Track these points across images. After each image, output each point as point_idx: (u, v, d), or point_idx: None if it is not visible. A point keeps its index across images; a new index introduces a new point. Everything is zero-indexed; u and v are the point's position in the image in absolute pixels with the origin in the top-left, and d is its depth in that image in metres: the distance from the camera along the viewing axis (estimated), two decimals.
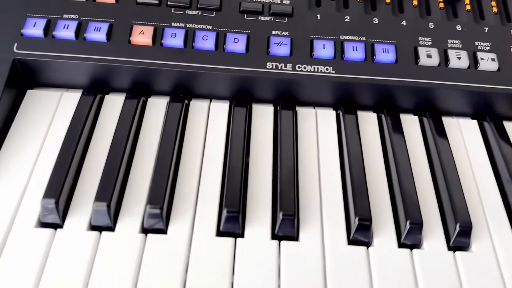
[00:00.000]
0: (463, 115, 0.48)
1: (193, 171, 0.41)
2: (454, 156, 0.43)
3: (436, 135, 0.44)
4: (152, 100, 0.46)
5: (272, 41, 0.45)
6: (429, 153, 0.44)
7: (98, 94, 0.45)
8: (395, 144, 0.43)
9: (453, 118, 0.47)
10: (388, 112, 0.46)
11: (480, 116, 0.48)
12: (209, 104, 0.46)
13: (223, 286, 0.34)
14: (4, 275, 0.34)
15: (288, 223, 0.37)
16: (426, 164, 0.43)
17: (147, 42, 0.44)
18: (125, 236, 0.37)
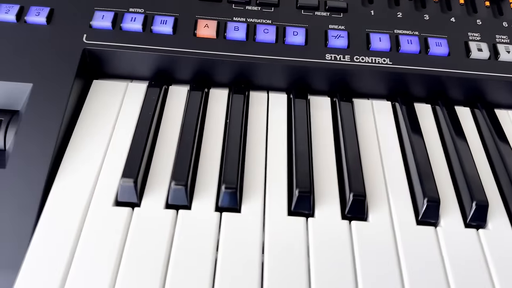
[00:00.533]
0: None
1: (260, 157, 0.42)
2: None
3: (491, 126, 0.46)
4: (214, 91, 0.47)
5: (330, 34, 0.47)
6: (485, 143, 0.45)
7: (164, 85, 0.46)
8: (453, 133, 0.44)
9: (503, 110, 0.49)
10: (444, 103, 0.47)
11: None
12: (267, 95, 0.48)
13: (300, 264, 0.35)
14: (85, 253, 0.35)
15: (359, 204, 0.38)
16: (483, 153, 0.45)
17: (211, 35, 0.46)
18: (201, 214, 0.38)
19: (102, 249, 0.35)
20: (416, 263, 0.36)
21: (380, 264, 0.36)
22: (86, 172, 0.39)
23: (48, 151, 0.39)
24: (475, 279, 0.36)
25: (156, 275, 0.34)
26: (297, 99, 0.46)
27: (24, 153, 0.39)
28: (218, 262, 0.35)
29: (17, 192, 0.37)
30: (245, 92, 0.46)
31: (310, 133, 0.44)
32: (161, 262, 0.34)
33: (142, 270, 0.34)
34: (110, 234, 0.36)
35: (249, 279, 0.34)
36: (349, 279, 0.35)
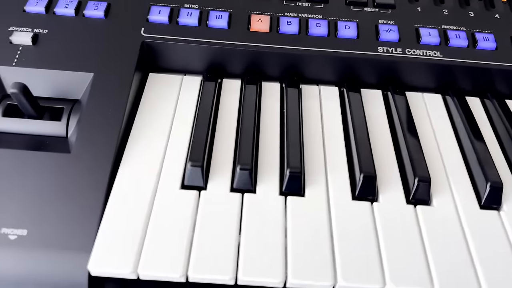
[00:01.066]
0: None
1: (318, 145, 0.43)
2: None
3: None
4: (267, 84, 0.48)
5: (381, 28, 0.48)
6: None
7: (218, 78, 0.47)
8: (506, 123, 0.45)
9: None
10: (492, 95, 0.48)
11: None
12: (319, 87, 0.49)
13: (370, 246, 0.35)
14: (157, 233, 0.35)
15: (424, 188, 0.39)
16: None
17: (265, 29, 0.47)
18: (266, 198, 0.38)
19: (173, 230, 0.35)
20: (483, 246, 0.36)
21: (448, 246, 0.36)
22: (150, 158, 0.40)
23: (113, 137, 0.39)
24: None
25: (227, 253, 0.34)
26: (350, 92, 0.47)
27: (89, 139, 0.39)
28: (288, 244, 0.35)
29: (83, 175, 0.37)
30: (298, 85, 0.47)
31: (366, 123, 0.44)
32: (231, 242, 0.34)
33: (214, 247, 0.34)
34: (179, 215, 0.36)
35: (320, 260, 0.34)
36: (421, 261, 0.35)
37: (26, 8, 0.47)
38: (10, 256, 0.34)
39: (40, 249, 0.34)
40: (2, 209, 0.35)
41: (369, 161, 0.39)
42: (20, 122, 0.41)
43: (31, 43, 0.44)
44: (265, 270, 0.33)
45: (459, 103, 0.46)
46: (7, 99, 0.42)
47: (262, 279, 0.33)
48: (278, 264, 0.33)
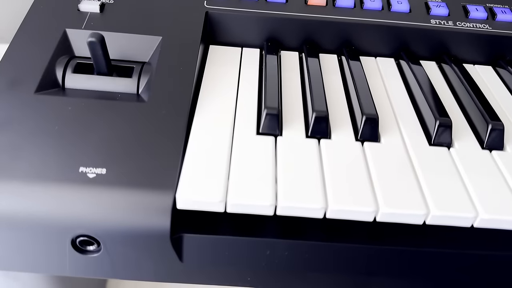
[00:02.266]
0: None
1: (386, 103, 0.44)
2: None
3: None
4: (325, 56, 0.50)
5: (431, 4, 0.50)
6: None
7: (278, 48, 0.49)
8: None
9: None
10: None
11: None
12: (376, 59, 0.50)
13: (457, 184, 0.35)
14: (241, 169, 0.34)
15: (499, 134, 0.39)
16: None
17: (321, 3, 0.49)
18: (342, 143, 0.38)
19: (255, 166, 0.34)
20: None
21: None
22: (223, 109, 0.40)
23: (187, 88, 0.40)
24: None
25: (317, 189, 0.33)
26: (412, 64, 0.48)
27: (163, 90, 0.39)
28: (374, 181, 0.35)
29: (161, 121, 0.37)
30: (357, 56, 0.49)
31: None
32: (318, 180, 0.34)
33: (299, 181, 0.34)
34: (259, 154, 0.36)
35: (411, 193, 0.34)
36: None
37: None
38: (88, 195, 0.33)
39: (120, 187, 0.33)
40: (79, 151, 0.35)
41: (444, 111, 0.40)
42: (91, 78, 0.41)
43: (99, 11, 0.46)
44: (355, 198, 0.33)
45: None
46: (77, 58, 0.43)
47: (353, 207, 0.32)
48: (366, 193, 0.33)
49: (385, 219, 0.33)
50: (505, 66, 0.49)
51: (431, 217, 0.33)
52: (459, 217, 0.33)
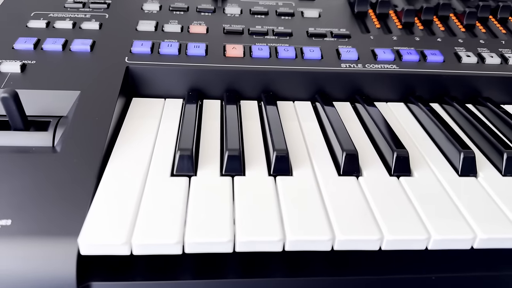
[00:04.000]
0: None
1: (299, 138, 0.45)
2: None
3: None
4: (245, 102, 0.52)
5: (341, 50, 0.54)
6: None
7: (198, 99, 0.50)
8: None
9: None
10: (448, 99, 0.53)
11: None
12: (294, 104, 0.53)
13: None
14: (149, 211, 0.34)
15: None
16: None
17: (239, 54, 0.52)
18: (256, 179, 0.39)
19: (165, 207, 0.34)
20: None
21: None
22: (138, 156, 0.40)
23: (101, 137, 0.40)
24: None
25: (221, 219, 0.34)
26: (326, 107, 0.50)
27: (76, 139, 0.40)
28: (284, 215, 0.35)
29: (71, 170, 0.37)
30: (275, 102, 0.51)
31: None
32: (227, 218, 0.34)
33: (209, 224, 0.34)
34: (171, 198, 0.36)
35: (319, 226, 0.34)
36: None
37: (15, 46, 0.50)
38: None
39: (24, 236, 0.32)
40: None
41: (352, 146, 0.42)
42: (6, 134, 0.41)
43: (20, 71, 0.47)
44: (260, 230, 0.33)
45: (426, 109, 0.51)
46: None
47: (261, 238, 0.32)
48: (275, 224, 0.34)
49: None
50: (415, 102, 0.52)
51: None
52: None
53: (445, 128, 0.46)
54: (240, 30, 0.56)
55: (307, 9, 0.62)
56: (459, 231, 0.34)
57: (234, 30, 0.56)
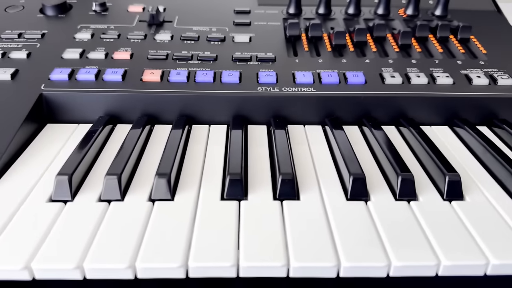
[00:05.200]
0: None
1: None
2: None
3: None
4: (159, 127, 0.52)
5: (260, 74, 0.54)
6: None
7: (107, 125, 0.51)
8: None
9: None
10: (371, 123, 0.52)
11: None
12: (209, 128, 0.52)
13: None
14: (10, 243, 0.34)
15: (288, 184, 0.40)
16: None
17: (156, 79, 0.53)
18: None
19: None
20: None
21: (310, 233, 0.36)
22: (29, 177, 0.41)
23: None
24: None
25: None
26: (233, 130, 0.50)
27: None
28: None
29: None
30: (189, 126, 0.51)
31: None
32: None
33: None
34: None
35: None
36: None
37: None
38: None
39: None
40: None
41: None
42: None
43: None
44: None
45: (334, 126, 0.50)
46: None
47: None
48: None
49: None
50: (328, 123, 0.51)
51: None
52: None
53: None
54: (164, 55, 0.57)
55: (238, 34, 0.63)
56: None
57: (157, 55, 0.57)
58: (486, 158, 0.47)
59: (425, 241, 0.35)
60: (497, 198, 0.41)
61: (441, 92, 0.53)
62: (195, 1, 0.72)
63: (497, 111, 0.54)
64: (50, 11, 0.67)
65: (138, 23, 0.65)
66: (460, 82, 0.55)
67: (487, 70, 0.57)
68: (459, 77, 0.56)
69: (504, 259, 0.33)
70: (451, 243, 0.35)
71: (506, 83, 0.55)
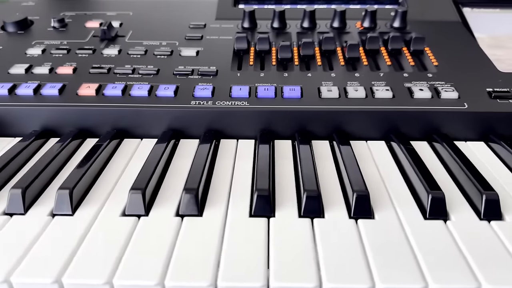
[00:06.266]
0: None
1: None
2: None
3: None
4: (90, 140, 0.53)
5: (197, 88, 0.54)
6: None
7: None
8: None
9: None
10: (299, 135, 0.51)
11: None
12: (141, 140, 0.53)
13: None
14: None
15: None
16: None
17: (91, 93, 0.53)
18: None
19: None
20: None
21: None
22: None
23: None
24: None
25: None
26: (157, 144, 0.50)
27: None
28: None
29: None
30: (122, 137, 0.52)
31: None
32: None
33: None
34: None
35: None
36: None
37: None
38: None
39: None
40: None
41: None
42: None
43: None
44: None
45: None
46: None
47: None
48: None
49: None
50: (261, 137, 0.51)
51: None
52: None
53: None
54: (106, 70, 0.58)
55: (186, 48, 0.63)
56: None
57: (99, 70, 0.58)
58: None
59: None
60: None
61: (378, 106, 0.52)
62: (153, 16, 0.73)
63: (438, 125, 0.52)
64: (10, 27, 0.69)
65: (91, 38, 0.66)
66: (401, 95, 0.53)
67: (434, 82, 0.56)
68: (401, 91, 0.54)
69: None
70: None
71: (449, 96, 0.53)
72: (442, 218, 0.39)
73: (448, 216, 0.39)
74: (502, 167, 0.48)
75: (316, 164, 0.46)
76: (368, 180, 0.44)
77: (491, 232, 0.37)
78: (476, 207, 0.40)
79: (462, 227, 0.38)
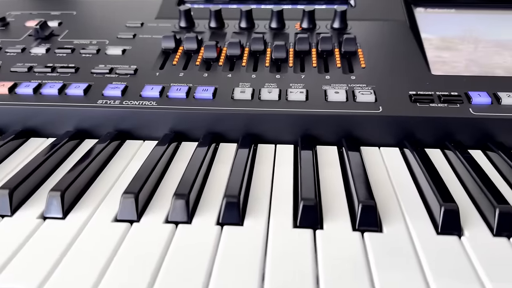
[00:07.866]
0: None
1: None
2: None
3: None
4: None
5: (108, 86, 0.53)
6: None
7: None
8: None
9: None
10: (205, 136, 0.50)
11: None
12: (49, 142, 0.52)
13: None
14: None
15: None
16: None
17: (4, 92, 0.53)
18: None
19: None
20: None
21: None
22: None
23: None
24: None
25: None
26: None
27: None
28: None
29: None
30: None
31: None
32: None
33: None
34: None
35: None
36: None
37: None
38: None
39: None
40: None
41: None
42: None
43: None
44: None
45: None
46: None
47: None
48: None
49: None
50: (162, 141, 0.50)
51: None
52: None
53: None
54: (26, 69, 0.57)
55: (113, 47, 0.62)
56: None
57: (20, 69, 0.57)
58: None
59: None
60: None
61: (289, 109, 0.50)
62: (95, 15, 0.73)
63: (351, 130, 0.50)
64: None
65: (26, 37, 0.66)
66: (315, 98, 0.51)
67: (354, 85, 0.53)
68: (317, 93, 0.52)
69: None
70: None
71: (365, 99, 0.51)
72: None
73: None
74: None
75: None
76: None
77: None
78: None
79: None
